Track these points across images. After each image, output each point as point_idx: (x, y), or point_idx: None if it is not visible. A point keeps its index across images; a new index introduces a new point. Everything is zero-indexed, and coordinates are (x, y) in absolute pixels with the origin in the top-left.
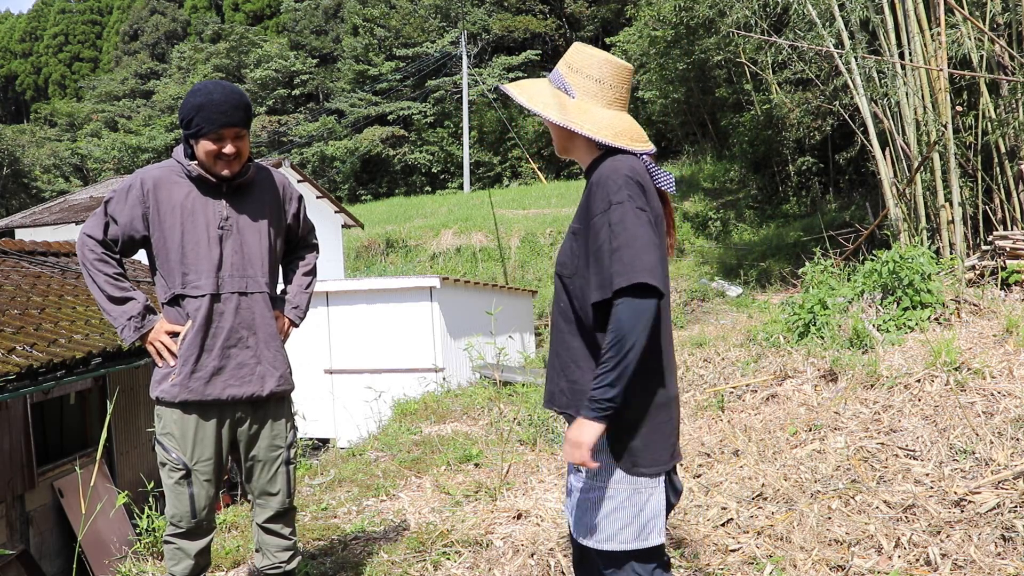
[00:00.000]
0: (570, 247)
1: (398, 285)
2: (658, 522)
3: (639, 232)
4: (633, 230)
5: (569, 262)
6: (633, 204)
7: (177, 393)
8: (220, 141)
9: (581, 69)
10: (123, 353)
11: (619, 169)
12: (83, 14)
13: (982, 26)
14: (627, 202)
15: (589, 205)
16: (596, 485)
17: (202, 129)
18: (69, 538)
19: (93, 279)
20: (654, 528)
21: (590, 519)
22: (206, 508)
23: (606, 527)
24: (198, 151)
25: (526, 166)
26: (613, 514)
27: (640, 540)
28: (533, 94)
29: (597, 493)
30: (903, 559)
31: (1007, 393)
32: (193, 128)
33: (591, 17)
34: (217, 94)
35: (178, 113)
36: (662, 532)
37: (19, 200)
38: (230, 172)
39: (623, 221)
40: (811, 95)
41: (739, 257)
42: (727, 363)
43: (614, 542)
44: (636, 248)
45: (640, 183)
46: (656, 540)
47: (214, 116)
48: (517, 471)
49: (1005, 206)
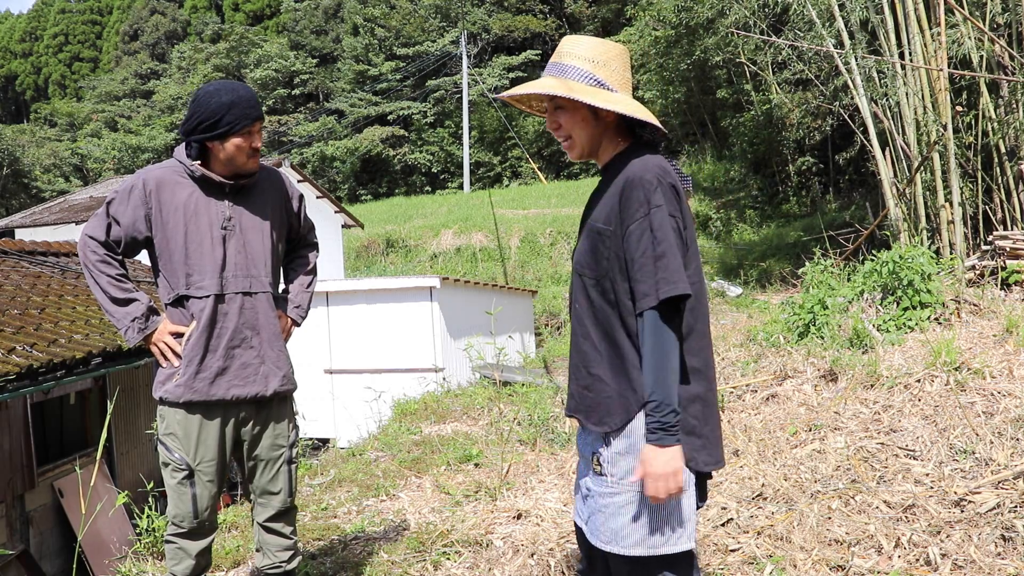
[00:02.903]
0: (594, 248)
1: (398, 285)
2: (690, 525)
3: (675, 240)
4: (671, 238)
5: (594, 264)
6: (667, 209)
7: (181, 393)
8: (250, 136)
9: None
10: (123, 353)
11: (651, 169)
12: (83, 14)
13: (982, 26)
14: (664, 206)
15: (624, 206)
16: (624, 488)
17: (235, 126)
18: (69, 538)
19: (96, 280)
20: (685, 532)
21: (616, 524)
22: (208, 508)
23: (634, 531)
24: (226, 150)
25: (526, 166)
26: (643, 518)
27: (671, 544)
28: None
29: (625, 496)
30: (903, 559)
31: (1007, 393)
32: (224, 127)
33: (591, 17)
34: (242, 90)
35: (196, 116)
36: (692, 536)
37: (19, 200)
38: (256, 166)
39: (663, 227)
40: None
41: (739, 257)
42: (727, 363)
43: (643, 547)
44: (676, 257)
45: (673, 184)
46: (687, 544)
47: (247, 111)
48: (517, 471)
49: (1005, 206)
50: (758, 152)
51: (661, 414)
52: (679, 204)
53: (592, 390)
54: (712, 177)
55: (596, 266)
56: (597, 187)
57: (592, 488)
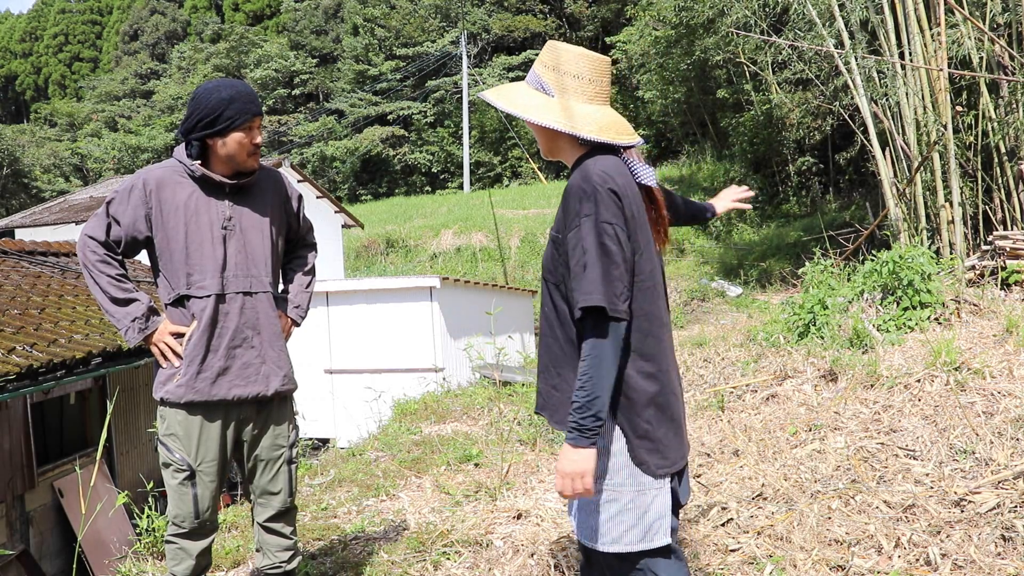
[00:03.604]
0: (552, 253)
1: (398, 285)
2: (663, 523)
3: (597, 251)
4: (594, 249)
5: (554, 269)
6: (597, 218)
7: (183, 394)
8: (251, 131)
9: (558, 66)
10: (123, 353)
11: (589, 176)
12: (83, 14)
13: (982, 26)
14: (593, 215)
15: (566, 215)
16: (600, 488)
17: (235, 121)
18: (69, 538)
19: (95, 281)
20: (659, 529)
21: (594, 522)
22: (209, 508)
23: (611, 530)
24: (227, 146)
25: (526, 166)
26: (618, 516)
27: (645, 541)
28: (512, 98)
29: (601, 496)
30: (903, 559)
31: (1007, 393)
32: (224, 122)
33: (591, 17)
34: (241, 86)
35: (196, 112)
36: (667, 532)
37: (19, 200)
38: (256, 164)
39: (587, 237)
40: (811, 95)
41: (739, 257)
42: (727, 363)
43: (619, 544)
44: (595, 268)
45: (613, 189)
46: (661, 541)
47: (247, 106)
48: (517, 471)
49: (1005, 206)
50: (758, 152)
51: (580, 415)
52: (620, 209)
53: (559, 389)
54: (712, 177)
55: (555, 271)
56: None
57: None
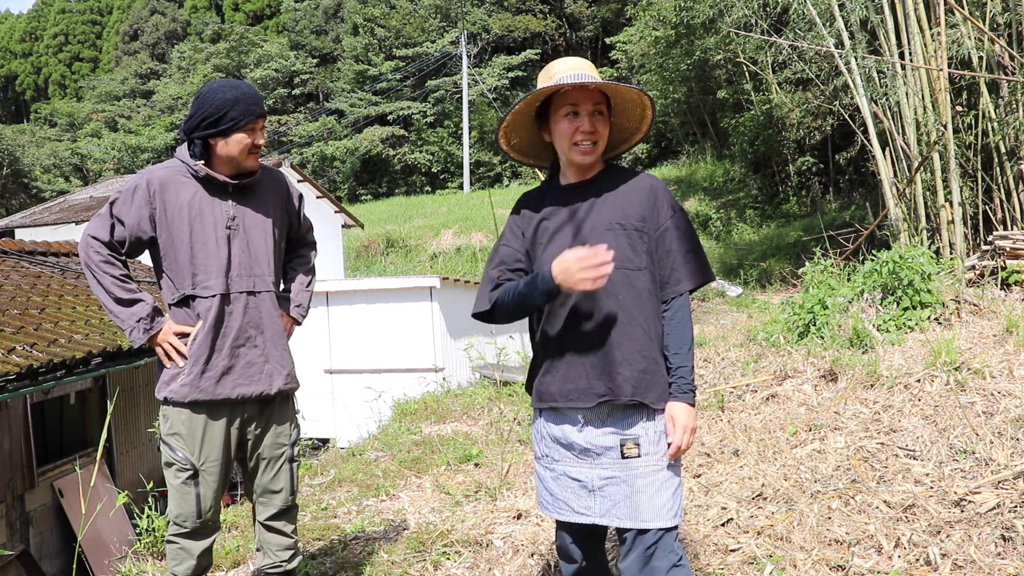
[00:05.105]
0: (632, 243)
1: (398, 285)
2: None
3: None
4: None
5: (635, 256)
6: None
7: (187, 393)
8: (254, 132)
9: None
10: (123, 353)
11: (654, 177)
12: (83, 14)
13: (982, 26)
14: (681, 208)
15: (652, 207)
16: (664, 464)
17: (239, 122)
18: (69, 538)
19: (99, 281)
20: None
21: (659, 500)
22: (212, 508)
23: (673, 503)
24: (229, 146)
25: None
26: (678, 489)
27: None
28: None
29: (671, 471)
30: (903, 559)
31: (1007, 393)
32: (227, 123)
33: (591, 17)
34: (246, 87)
35: (200, 112)
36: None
37: (19, 200)
38: (256, 164)
39: (689, 225)
40: (811, 95)
41: (739, 257)
42: (727, 363)
43: (678, 516)
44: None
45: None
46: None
47: (251, 107)
48: (517, 471)
49: (1005, 206)
50: (758, 152)
51: (692, 376)
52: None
53: (649, 372)
54: (712, 177)
55: (636, 258)
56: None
57: (618, 475)
